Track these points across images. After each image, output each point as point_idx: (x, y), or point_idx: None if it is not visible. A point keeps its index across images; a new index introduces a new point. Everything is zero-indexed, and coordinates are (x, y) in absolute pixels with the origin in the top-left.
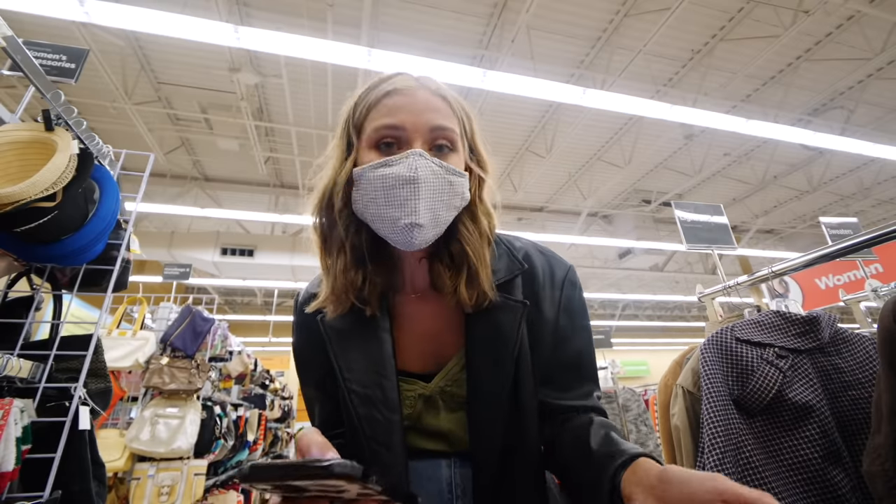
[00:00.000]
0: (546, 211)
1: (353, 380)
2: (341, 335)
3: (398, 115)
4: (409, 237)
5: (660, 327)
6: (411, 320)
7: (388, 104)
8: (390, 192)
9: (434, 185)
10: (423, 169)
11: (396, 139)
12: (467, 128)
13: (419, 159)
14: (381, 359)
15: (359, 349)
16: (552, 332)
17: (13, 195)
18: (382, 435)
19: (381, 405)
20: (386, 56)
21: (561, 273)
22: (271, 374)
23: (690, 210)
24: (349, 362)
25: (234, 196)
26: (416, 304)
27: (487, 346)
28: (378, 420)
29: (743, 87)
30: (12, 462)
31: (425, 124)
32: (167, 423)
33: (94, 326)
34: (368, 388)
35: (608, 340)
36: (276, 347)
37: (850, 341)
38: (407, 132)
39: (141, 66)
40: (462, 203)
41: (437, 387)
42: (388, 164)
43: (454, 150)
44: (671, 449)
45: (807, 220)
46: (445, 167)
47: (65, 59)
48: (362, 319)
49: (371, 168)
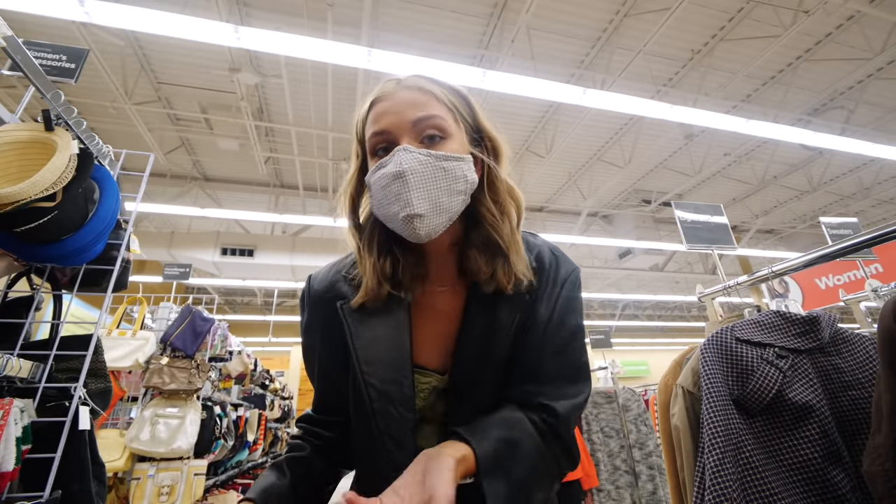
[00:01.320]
0: (546, 211)
1: (371, 373)
2: (361, 325)
3: (383, 120)
4: (411, 229)
5: (660, 327)
6: (432, 314)
7: (375, 113)
8: (386, 191)
9: (425, 174)
10: (407, 161)
11: (387, 143)
12: (463, 111)
13: (403, 153)
14: (400, 355)
15: (379, 341)
16: (542, 329)
17: (13, 195)
18: (396, 431)
19: (398, 402)
20: (386, 56)
21: (565, 273)
22: (271, 374)
23: (690, 210)
24: (368, 354)
25: (234, 196)
26: (439, 297)
27: (479, 339)
28: (393, 416)
29: (743, 87)
30: (12, 462)
31: (407, 121)
32: (167, 423)
33: (94, 326)
34: (386, 384)
35: (608, 340)
36: (276, 347)
37: (851, 341)
38: (393, 134)
39: (141, 66)
40: (467, 186)
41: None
42: (381, 166)
43: (446, 136)
44: (671, 449)
45: (807, 220)
46: (434, 154)
47: (65, 59)
48: (383, 311)
49: (372, 172)
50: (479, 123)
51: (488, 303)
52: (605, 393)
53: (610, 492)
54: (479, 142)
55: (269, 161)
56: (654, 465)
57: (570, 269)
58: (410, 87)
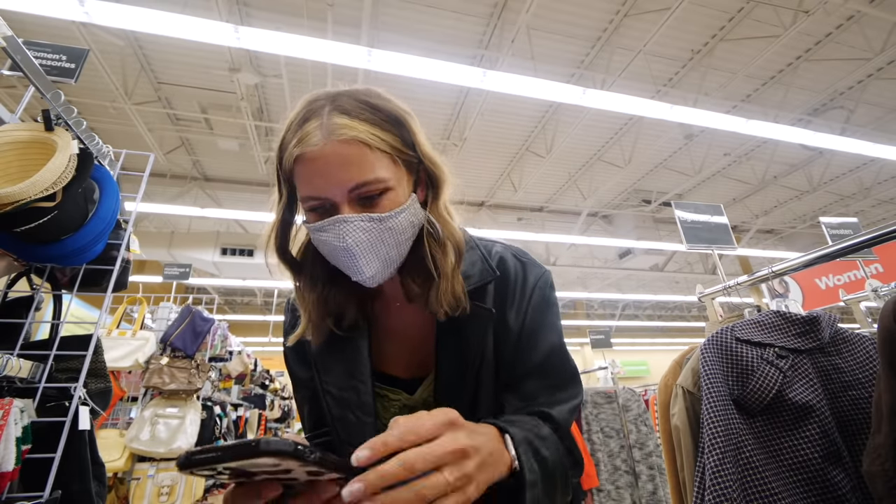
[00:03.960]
0: (546, 211)
1: (329, 382)
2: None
3: (313, 182)
4: (367, 282)
5: (660, 327)
6: (395, 328)
7: (302, 174)
8: (334, 255)
9: (371, 241)
10: (350, 234)
11: (322, 206)
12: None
13: (343, 225)
14: (356, 363)
15: (336, 353)
16: (515, 339)
17: (13, 195)
18: (356, 437)
19: (356, 407)
20: (386, 56)
21: (533, 279)
22: (271, 374)
23: (690, 210)
24: (326, 364)
25: (234, 196)
26: (399, 311)
27: (454, 354)
28: (351, 421)
29: (743, 87)
30: (12, 462)
31: (341, 188)
32: (167, 423)
33: (94, 326)
34: (343, 391)
35: (608, 340)
36: (276, 347)
37: (851, 341)
38: (328, 199)
39: (141, 66)
40: (413, 231)
41: (420, 398)
42: (322, 230)
43: (386, 190)
44: (671, 449)
45: (807, 220)
46: (377, 218)
47: (65, 59)
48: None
49: (313, 230)
50: (420, 149)
51: (457, 323)
52: (605, 393)
53: (610, 492)
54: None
55: (269, 161)
56: (654, 465)
57: (538, 273)
58: (341, 141)
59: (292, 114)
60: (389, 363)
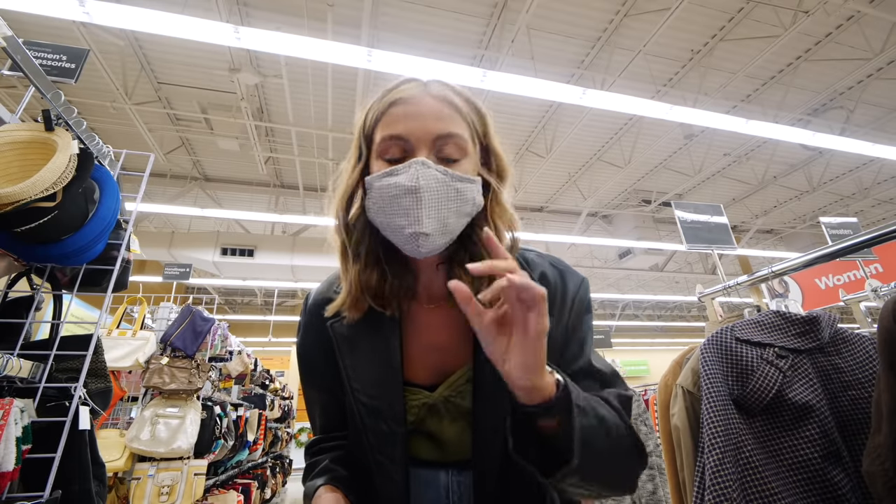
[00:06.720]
0: (546, 211)
1: (360, 390)
2: (351, 343)
3: (402, 124)
4: (415, 245)
5: (660, 327)
6: (422, 331)
7: (394, 114)
8: (395, 202)
9: (439, 193)
10: (425, 178)
11: (402, 150)
12: (479, 130)
13: (422, 168)
14: (389, 371)
15: (368, 359)
16: (559, 347)
17: (13, 195)
18: (387, 446)
19: (388, 418)
20: (386, 56)
21: (573, 288)
22: (271, 374)
23: (690, 210)
24: (358, 372)
25: (234, 196)
26: (430, 314)
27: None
28: (383, 431)
29: (743, 88)
30: (12, 462)
31: (429, 133)
32: (167, 423)
33: (94, 326)
34: (376, 400)
35: (608, 340)
36: (276, 347)
37: (850, 341)
38: (411, 142)
39: (141, 66)
40: (474, 209)
41: (440, 396)
42: (392, 174)
43: (463, 156)
44: (671, 449)
45: (807, 220)
46: (451, 174)
47: (65, 59)
48: (372, 328)
49: (378, 177)
50: (490, 142)
51: None
52: None
53: None
54: (486, 161)
55: (269, 161)
56: (654, 465)
57: (577, 281)
58: (437, 97)
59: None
60: (413, 367)
